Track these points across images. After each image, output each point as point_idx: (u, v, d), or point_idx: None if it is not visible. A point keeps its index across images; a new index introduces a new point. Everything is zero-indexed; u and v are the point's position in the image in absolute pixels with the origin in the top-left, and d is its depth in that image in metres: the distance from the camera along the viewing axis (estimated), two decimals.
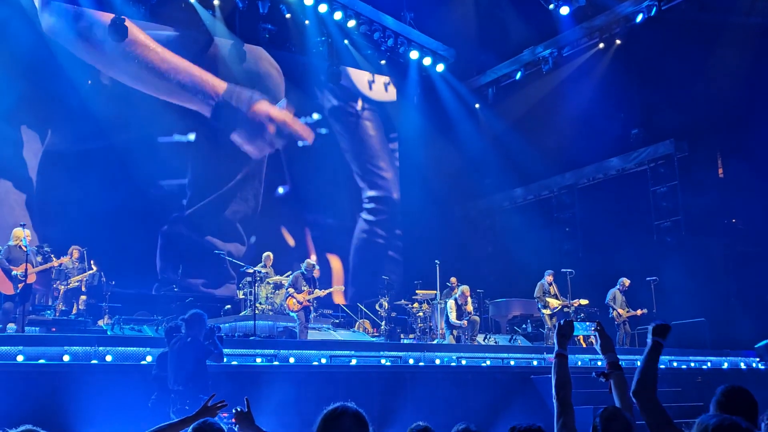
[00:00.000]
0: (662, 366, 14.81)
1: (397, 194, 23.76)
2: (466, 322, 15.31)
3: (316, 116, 22.74)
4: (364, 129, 23.66)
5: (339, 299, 19.89)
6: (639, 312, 16.63)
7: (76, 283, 15.00)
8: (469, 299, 15.76)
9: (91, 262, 15.41)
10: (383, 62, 23.36)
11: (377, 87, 23.89)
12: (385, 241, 21.44)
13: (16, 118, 17.67)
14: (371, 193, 23.40)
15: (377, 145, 23.85)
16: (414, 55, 22.91)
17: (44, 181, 18.09)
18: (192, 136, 20.30)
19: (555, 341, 4.32)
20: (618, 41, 20.77)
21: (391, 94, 24.19)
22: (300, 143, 22.26)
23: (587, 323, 15.79)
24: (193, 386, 7.78)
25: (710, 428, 2.74)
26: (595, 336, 4.48)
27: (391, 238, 23.17)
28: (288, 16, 21.23)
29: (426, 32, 22.76)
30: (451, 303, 15.56)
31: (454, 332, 15.63)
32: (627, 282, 16.85)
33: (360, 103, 23.59)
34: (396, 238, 23.22)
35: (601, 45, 21.17)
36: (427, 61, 23.18)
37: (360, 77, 23.45)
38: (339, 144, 23.07)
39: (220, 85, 20.75)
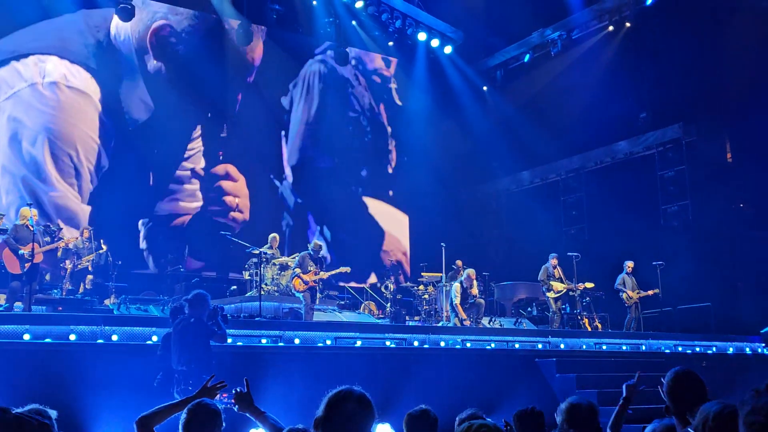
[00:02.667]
0: (667, 351, 14.84)
1: None
2: (468, 321, 15.27)
3: None
4: None
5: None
6: (651, 292, 16.62)
7: (87, 263, 15.08)
8: (474, 282, 15.74)
9: (101, 241, 15.48)
10: (391, 44, 23.27)
11: None
12: None
13: None
14: None
15: None
16: (422, 36, 22.83)
17: None
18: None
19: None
20: (628, 24, 20.65)
21: None
22: None
23: None
24: (196, 366, 7.81)
25: (711, 416, 2.73)
26: None
27: None
28: None
29: (434, 14, 22.68)
30: (456, 286, 15.54)
31: (461, 315, 15.60)
32: (631, 264, 16.84)
33: None
34: None
35: (611, 28, 21.05)
36: (435, 42, 23.09)
37: None
38: None
39: None
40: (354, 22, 22.18)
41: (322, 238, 21.40)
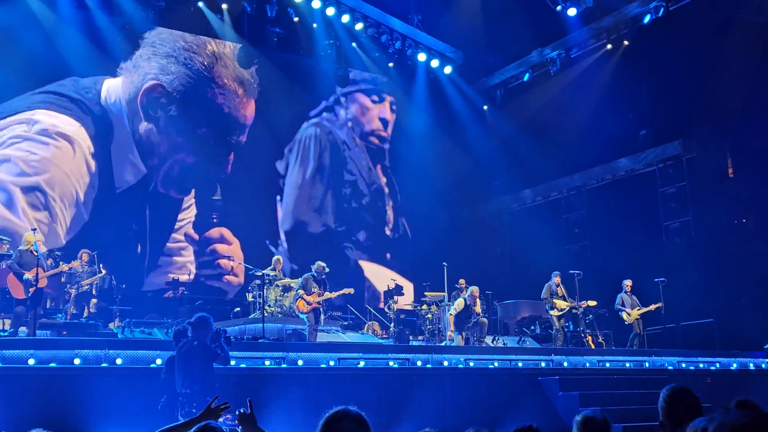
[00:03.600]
0: (670, 368, 14.84)
1: None
2: (451, 334, 15.43)
3: None
4: None
5: None
6: (653, 307, 16.61)
7: (87, 287, 15.13)
8: (477, 300, 15.81)
9: (100, 265, 15.55)
10: (391, 65, 23.43)
11: None
12: None
13: None
14: None
15: None
16: (422, 57, 23.02)
17: None
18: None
19: None
20: (626, 42, 20.79)
21: None
22: None
23: None
24: (200, 389, 7.86)
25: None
26: None
27: None
28: (296, 19, 21.34)
29: (433, 35, 22.86)
30: (459, 301, 15.61)
31: (463, 333, 15.66)
32: (629, 283, 16.87)
33: None
34: None
35: (609, 46, 21.19)
36: (434, 63, 23.27)
37: None
38: None
39: None
40: (354, 44, 22.37)
41: None
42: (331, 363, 11.99)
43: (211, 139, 20.50)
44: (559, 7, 20.01)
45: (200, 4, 20.37)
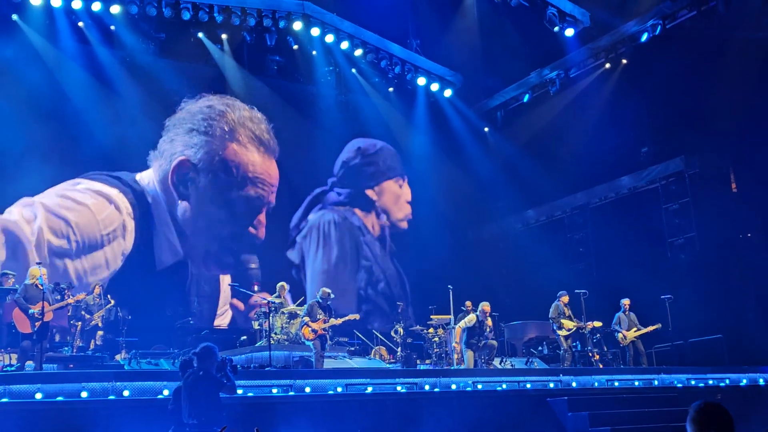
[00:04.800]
0: (679, 385, 14.75)
1: None
2: (456, 345, 15.39)
3: None
4: None
5: None
6: (651, 328, 16.50)
7: (98, 318, 15.15)
8: (488, 318, 15.79)
9: (108, 295, 15.57)
10: (391, 89, 23.55)
11: None
12: None
13: None
14: None
15: None
16: (421, 81, 23.15)
17: None
18: None
19: None
20: (624, 60, 20.89)
21: None
22: None
23: None
24: (206, 419, 7.84)
25: None
26: None
27: None
28: (295, 47, 21.50)
29: (432, 59, 23.02)
30: (471, 316, 15.56)
31: (474, 353, 15.56)
32: (627, 302, 16.75)
33: None
34: None
35: (608, 65, 21.30)
36: (434, 87, 23.40)
37: None
38: None
39: None
40: (354, 70, 22.51)
41: None
42: (339, 389, 11.94)
43: (241, 202, 20.73)
44: (556, 28, 20.17)
45: (200, 35, 20.56)
